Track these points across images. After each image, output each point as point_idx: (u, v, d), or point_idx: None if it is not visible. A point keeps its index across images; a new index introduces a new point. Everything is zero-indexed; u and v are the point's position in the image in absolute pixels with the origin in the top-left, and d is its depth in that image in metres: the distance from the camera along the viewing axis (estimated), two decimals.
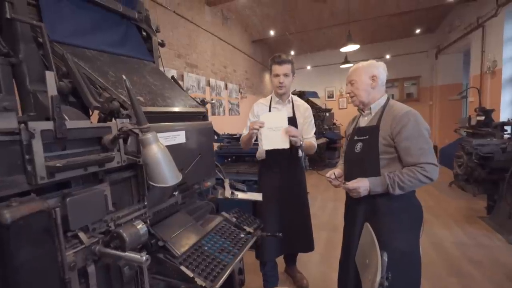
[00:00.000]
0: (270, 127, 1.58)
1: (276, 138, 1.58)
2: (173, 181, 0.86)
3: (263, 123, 1.56)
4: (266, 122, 1.57)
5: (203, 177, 1.41)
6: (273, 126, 1.58)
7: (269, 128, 1.58)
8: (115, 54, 1.33)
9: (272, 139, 1.58)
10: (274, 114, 1.63)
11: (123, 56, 1.38)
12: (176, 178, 0.88)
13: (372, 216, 1.28)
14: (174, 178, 0.87)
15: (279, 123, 1.57)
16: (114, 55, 1.32)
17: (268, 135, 1.58)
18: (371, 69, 1.33)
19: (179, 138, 1.18)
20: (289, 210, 1.79)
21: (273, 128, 1.58)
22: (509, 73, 4.28)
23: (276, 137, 1.58)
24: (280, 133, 1.57)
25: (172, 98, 1.31)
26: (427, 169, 1.14)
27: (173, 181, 0.86)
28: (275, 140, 1.58)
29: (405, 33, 6.80)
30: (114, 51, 1.33)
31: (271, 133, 1.58)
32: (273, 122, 1.58)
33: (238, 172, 2.76)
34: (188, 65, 3.82)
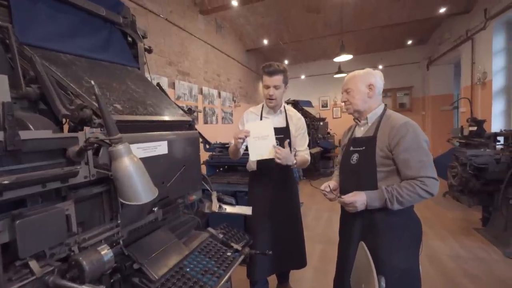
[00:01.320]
0: (256, 137, 1.49)
1: (263, 148, 1.49)
2: (147, 197, 0.77)
3: (248, 132, 1.47)
4: (252, 132, 1.48)
5: (188, 190, 1.31)
6: (259, 136, 1.49)
7: (255, 138, 1.49)
8: (95, 59, 1.25)
9: (259, 150, 1.49)
10: (259, 123, 1.54)
11: (104, 61, 1.30)
12: (151, 194, 0.79)
13: (370, 232, 1.20)
14: (148, 195, 0.78)
15: (265, 131, 1.49)
16: (94, 60, 1.24)
17: (255, 145, 1.49)
18: (368, 77, 1.28)
19: (160, 149, 1.09)
20: (281, 225, 1.69)
21: (260, 138, 1.49)
22: (499, 84, 4.34)
23: (263, 147, 1.49)
24: (267, 143, 1.48)
25: (155, 106, 1.22)
26: (427, 183, 1.07)
27: (147, 198, 0.77)
28: (262, 150, 1.49)
29: (397, 44, 6.91)
30: (94, 56, 1.25)
31: (258, 143, 1.49)
32: (259, 131, 1.49)
33: (229, 183, 2.67)
34: (180, 73, 3.76)
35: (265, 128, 1.49)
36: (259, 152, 1.49)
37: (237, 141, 1.49)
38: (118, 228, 0.90)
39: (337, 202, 1.24)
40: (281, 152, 1.45)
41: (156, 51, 3.21)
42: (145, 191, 0.77)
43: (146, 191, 0.77)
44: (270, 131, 1.48)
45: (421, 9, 4.99)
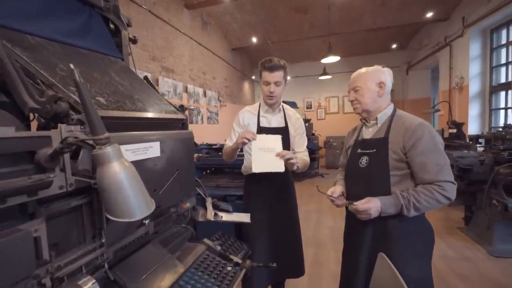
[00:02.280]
0: (262, 148, 1.38)
1: (269, 159, 1.37)
2: (142, 212, 0.62)
3: (255, 135, 1.36)
4: (259, 142, 1.38)
5: (181, 197, 1.16)
6: (265, 147, 1.38)
7: (261, 149, 1.38)
8: (72, 45, 1.07)
9: (264, 161, 1.37)
10: (268, 136, 1.41)
11: (82, 49, 1.12)
12: (147, 208, 0.64)
13: (382, 240, 1.12)
14: (143, 209, 0.63)
15: (272, 144, 1.39)
16: (70, 46, 1.05)
17: (259, 156, 1.37)
18: (378, 75, 1.21)
19: (152, 151, 0.94)
20: (280, 232, 1.58)
21: (266, 150, 1.38)
22: (475, 89, 4.57)
23: (268, 159, 1.38)
24: (273, 155, 1.37)
25: (144, 101, 1.06)
26: (446, 188, 1.01)
27: (142, 213, 0.62)
28: (267, 162, 1.37)
29: (379, 48, 7.10)
30: (70, 41, 1.06)
31: (262, 155, 1.38)
32: (266, 143, 1.39)
33: (219, 186, 2.51)
34: (164, 69, 3.53)
35: (273, 141, 1.39)
36: (263, 164, 1.37)
37: (243, 140, 1.36)
38: (102, 249, 0.73)
39: (349, 209, 1.14)
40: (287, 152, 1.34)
41: (138, 45, 2.98)
42: (139, 205, 0.62)
43: (141, 204, 0.62)
44: (278, 145, 1.38)
45: (404, 15, 5.14)
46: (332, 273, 2.36)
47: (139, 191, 0.63)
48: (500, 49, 4.30)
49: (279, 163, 1.37)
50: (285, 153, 1.35)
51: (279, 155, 1.35)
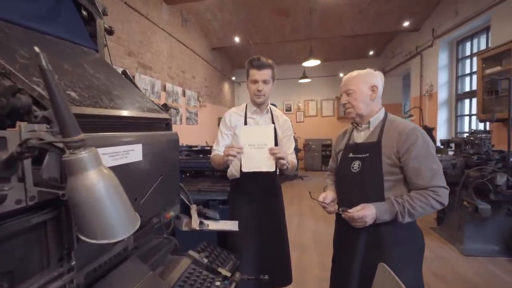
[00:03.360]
0: (251, 144, 1.28)
1: (258, 158, 1.27)
2: (125, 231, 0.52)
3: (241, 149, 1.26)
4: (247, 138, 1.27)
5: (164, 206, 1.05)
6: (255, 143, 1.27)
7: (250, 145, 1.28)
8: (36, 30, 0.92)
9: (253, 160, 1.27)
10: (258, 129, 1.32)
11: (49, 35, 0.97)
12: (131, 226, 0.54)
13: (375, 248, 1.10)
14: (127, 226, 0.52)
15: (263, 139, 1.27)
16: (34, 32, 0.90)
17: (248, 154, 1.27)
18: (371, 78, 1.19)
19: (134, 155, 0.82)
20: (268, 240, 1.51)
21: (255, 146, 1.28)
22: (443, 96, 4.88)
23: (259, 157, 1.27)
24: (264, 152, 1.27)
25: (124, 98, 0.94)
26: (440, 194, 1.01)
27: (126, 232, 0.52)
28: (257, 161, 1.27)
29: (356, 54, 7.37)
30: (33, 26, 0.91)
31: (252, 152, 1.27)
32: (255, 138, 1.28)
33: (200, 190, 2.39)
34: (141, 66, 3.32)
35: (264, 135, 1.27)
36: (254, 163, 1.27)
37: (228, 158, 1.25)
38: (71, 274, 0.61)
39: (343, 216, 1.10)
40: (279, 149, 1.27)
41: (113, 38, 2.76)
42: (122, 222, 0.51)
43: (124, 221, 0.52)
44: (270, 140, 1.27)
45: (380, 24, 5.36)
46: (316, 278, 2.34)
47: (121, 205, 0.52)
48: (465, 60, 4.64)
49: (270, 162, 1.27)
50: (277, 151, 1.26)
51: (271, 153, 1.25)
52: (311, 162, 8.05)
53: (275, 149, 1.25)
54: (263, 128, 1.33)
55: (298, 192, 5.42)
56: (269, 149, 1.25)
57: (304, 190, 5.67)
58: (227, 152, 1.26)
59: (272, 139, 1.28)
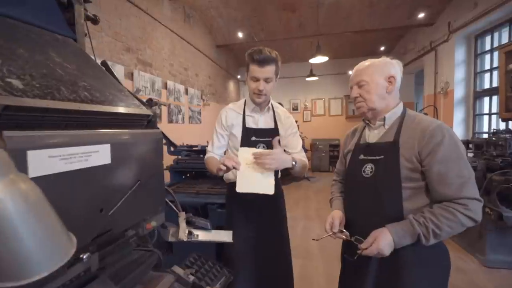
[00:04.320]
0: (249, 164, 1.14)
1: (256, 178, 1.13)
2: (49, 265, 0.37)
3: (238, 164, 1.11)
4: (243, 158, 1.13)
5: (144, 215, 0.91)
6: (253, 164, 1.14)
7: (248, 165, 1.14)
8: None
9: (250, 180, 1.13)
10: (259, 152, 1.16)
11: (15, 19, 0.84)
12: (60, 257, 0.39)
13: (391, 269, 0.93)
14: (52, 259, 0.38)
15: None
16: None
17: (244, 173, 1.13)
18: (387, 68, 1.02)
19: (98, 157, 0.68)
20: (268, 253, 1.35)
21: (253, 165, 1.14)
22: (460, 94, 4.60)
23: (256, 179, 1.13)
24: (263, 173, 1.13)
25: (93, 90, 0.80)
26: (472, 207, 0.83)
27: (50, 266, 0.37)
28: (254, 181, 1.13)
29: (365, 51, 7.11)
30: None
31: (249, 173, 1.13)
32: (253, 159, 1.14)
33: (199, 193, 2.25)
34: (140, 62, 3.21)
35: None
36: (249, 183, 1.12)
37: (221, 167, 1.11)
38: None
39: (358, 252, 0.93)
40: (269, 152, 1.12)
41: (110, 33, 2.65)
42: (43, 254, 0.37)
43: (47, 252, 0.37)
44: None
45: (392, 18, 5.11)
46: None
47: (44, 231, 0.38)
48: (484, 55, 4.35)
49: (268, 185, 1.13)
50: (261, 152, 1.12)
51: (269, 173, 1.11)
52: (319, 163, 7.83)
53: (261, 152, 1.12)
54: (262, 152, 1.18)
55: (305, 194, 5.23)
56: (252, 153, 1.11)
57: (311, 191, 5.48)
58: (223, 161, 1.11)
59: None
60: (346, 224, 1.08)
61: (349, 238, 1.01)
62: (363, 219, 1.01)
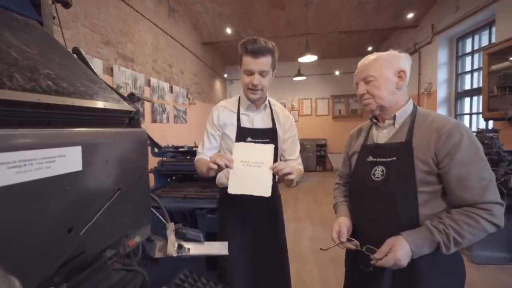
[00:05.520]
0: (245, 161, 1.01)
1: (251, 178, 1.00)
2: None
3: (232, 162, 0.98)
4: (239, 154, 1.00)
5: (126, 230, 0.77)
6: (249, 160, 1.01)
7: (243, 162, 1.01)
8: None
9: (244, 180, 1.00)
10: (253, 147, 1.04)
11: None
12: None
13: (406, 280, 0.85)
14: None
15: (260, 157, 1.01)
16: None
17: (239, 172, 1.00)
18: (397, 61, 0.94)
19: (66, 163, 0.54)
20: (265, 263, 1.23)
21: (249, 163, 1.01)
22: (442, 94, 4.73)
23: (252, 177, 1.00)
24: (259, 172, 1.00)
25: (61, 80, 0.65)
26: (495, 212, 0.76)
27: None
28: (249, 181, 1.00)
29: (352, 52, 7.19)
30: None
31: (244, 170, 1.00)
32: (250, 155, 1.01)
33: (186, 197, 2.09)
34: (121, 57, 2.99)
35: (262, 154, 1.01)
36: (244, 184, 0.99)
37: (212, 165, 0.97)
38: None
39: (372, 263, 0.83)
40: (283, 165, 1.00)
41: (87, 24, 2.43)
42: None
43: None
44: (268, 160, 1.00)
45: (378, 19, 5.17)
46: None
47: None
48: (465, 57, 4.49)
49: (265, 185, 1.00)
50: (282, 166, 0.98)
51: (275, 170, 0.98)
52: (306, 163, 7.79)
53: (278, 165, 0.98)
54: (261, 147, 1.04)
55: (293, 195, 5.17)
56: (271, 167, 0.98)
57: (300, 192, 5.43)
58: (214, 159, 0.97)
59: (271, 159, 1.01)
60: (353, 231, 0.99)
61: (359, 247, 0.92)
62: (373, 227, 0.92)
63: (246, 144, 1.05)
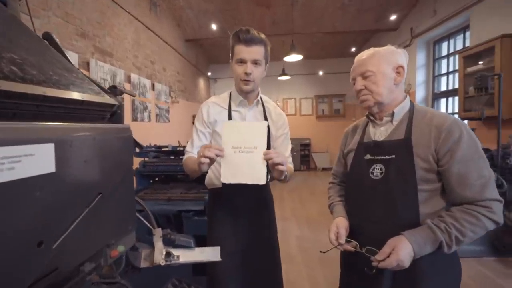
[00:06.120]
0: (236, 147, 0.91)
1: (244, 166, 0.91)
2: None
3: (222, 151, 0.90)
4: (229, 137, 0.92)
5: (107, 239, 0.68)
6: (240, 146, 0.91)
7: (234, 148, 0.91)
8: None
9: (237, 167, 0.91)
10: (244, 126, 0.95)
11: None
12: None
13: (407, 280, 0.83)
14: None
15: (251, 141, 0.91)
16: None
17: (231, 159, 0.91)
18: (395, 57, 0.92)
19: (35, 164, 0.45)
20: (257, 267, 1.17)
21: (241, 149, 0.91)
22: (421, 95, 4.92)
23: (245, 164, 0.91)
24: (253, 158, 0.91)
25: (27, 66, 0.55)
26: (495, 209, 0.76)
27: None
28: (242, 169, 0.91)
29: (335, 53, 7.32)
30: None
31: (236, 157, 0.91)
32: (242, 138, 0.92)
33: (171, 199, 1.98)
34: (98, 51, 2.80)
35: (254, 135, 0.91)
36: (237, 173, 0.91)
37: (202, 161, 0.88)
38: None
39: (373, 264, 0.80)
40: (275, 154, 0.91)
41: (60, 13, 2.23)
42: None
43: None
44: (262, 142, 0.91)
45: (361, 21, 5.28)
46: None
47: None
48: (441, 60, 4.70)
49: (260, 172, 0.92)
50: (274, 155, 0.90)
51: (266, 157, 0.89)
52: None
53: (271, 153, 0.90)
54: (253, 125, 0.96)
55: (279, 194, 5.16)
56: (264, 153, 0.90)
57: (285, 191, 5.43)
58: (202, 152, 0.89)
59: (265, 141, 0.92)
60: (350, 232, 0.96)
61: (358, 248, 0.88)
62: (372, 226, 0.90)
63: (237, 123, 0.96)
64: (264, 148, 0.91)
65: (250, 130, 0.93)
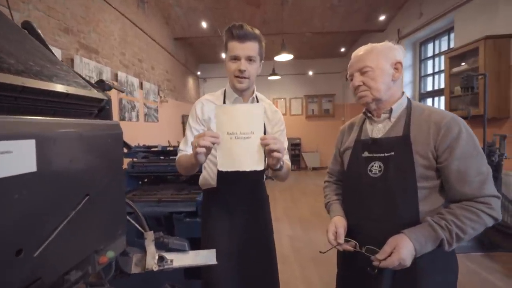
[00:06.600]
0: (231, 133, 0.85)
1: (242, 152, 0.85)
2: None
3: (218, 137, 0.83)
4: (223, 122, 0.85)
5: (95, 245, 0.63)
6: (236, 131, 0.85)
7: (229, 134, 0.85)
8: None
9: (235, 154, 0.85)
10: (239, 109, 0.87)
11: None
12: None
13: (407, 279, 0.82)
14: None
15: (247, 125, 0.85)
16: None
17: (226, 146, 0.85)
18: (393, 53, 0.91)
19: (13, 162, 0.40)
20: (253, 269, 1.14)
21: (237, 135, 0.85)
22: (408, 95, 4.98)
23: (241, 150, 0.85)
24: (249, 144, 0.85)
25: (4, 54, 0.50)
26: (494, 206, 0.76)
27: None
28: (240, 155, 0.85)
29: (325, 53, 7.39)
30: None
31: (232, 144, 0.85)
32: (237, 123, 0.85)
33: (161, 201, 1.92)
34: (83, 47, 2.69)
35: (249, 119, 0.85)
36: (234, 159, 0.85)
37: (199, 150, 0.81)
38: None
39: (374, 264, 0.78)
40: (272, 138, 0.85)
41: (41, 7, 2.12)
42: None
43: None
44: (258, 126, 0.85)
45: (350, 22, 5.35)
46: None
47: None
48: (427, 61, 4.83)
49: (257, 157, 0.85)
50: (271, 141, 0.83)
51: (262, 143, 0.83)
52: None
53: (267, 138, 0.83)
54: (247, 108, 0.91)
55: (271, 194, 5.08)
56: (261, 138, 0.83)
57: (276, 191, 5.42)
58: (196, 142, 0.82)
59: (262, 124, 0.86)
60: (349, 231, 0.94)
61: (357, 248, 0.87)
62: (371, 225, 0.89)
63: (230, 107, 0.90)
64: (261, 133, 0.85)
65: (245, 113, 0.86)
